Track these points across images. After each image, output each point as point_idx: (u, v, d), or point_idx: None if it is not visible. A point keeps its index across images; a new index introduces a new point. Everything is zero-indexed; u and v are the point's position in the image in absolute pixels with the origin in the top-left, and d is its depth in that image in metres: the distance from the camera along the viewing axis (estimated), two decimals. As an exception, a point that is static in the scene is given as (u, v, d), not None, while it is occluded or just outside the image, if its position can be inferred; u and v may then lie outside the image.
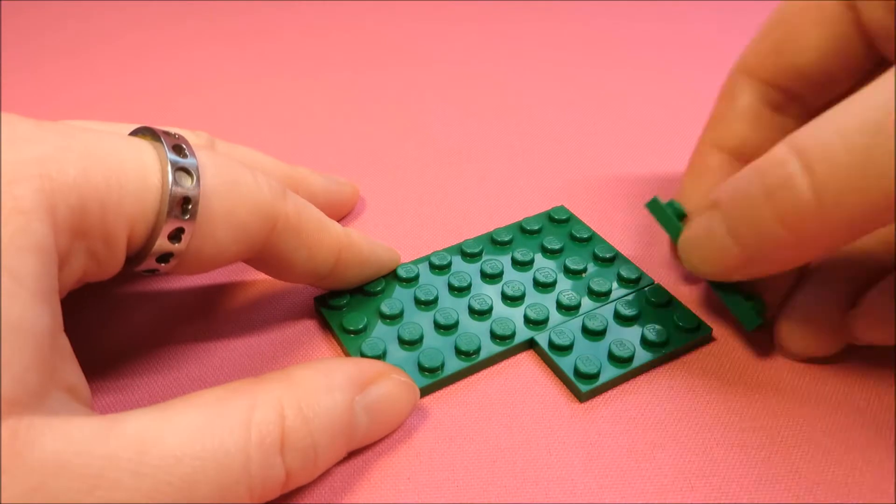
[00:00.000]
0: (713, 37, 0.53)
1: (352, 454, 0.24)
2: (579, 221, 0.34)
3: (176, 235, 0.22)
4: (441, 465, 0.24)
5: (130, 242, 0.22)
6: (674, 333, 0.28)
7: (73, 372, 0.21)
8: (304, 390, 0.22)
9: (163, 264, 0.23)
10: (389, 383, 0.24)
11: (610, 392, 0.26)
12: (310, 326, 0.30)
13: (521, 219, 0.34)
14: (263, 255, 0.26)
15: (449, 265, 0.31)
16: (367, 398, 0.23)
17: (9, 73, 0.50)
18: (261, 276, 0.31)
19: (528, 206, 0.36)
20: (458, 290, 0.30)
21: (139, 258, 0.23)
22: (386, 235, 0.34)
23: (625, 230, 0.34)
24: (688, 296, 0.30)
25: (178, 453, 0.19)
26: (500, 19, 0.57)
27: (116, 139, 0.22)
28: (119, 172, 0.21)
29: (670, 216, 0.28)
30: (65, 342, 0.20)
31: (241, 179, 0.24)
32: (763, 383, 0.26)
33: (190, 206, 0.22)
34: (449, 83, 0.48)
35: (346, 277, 0.29)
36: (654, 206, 0.28)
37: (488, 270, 0.31)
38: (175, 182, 0.21)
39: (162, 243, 0.22)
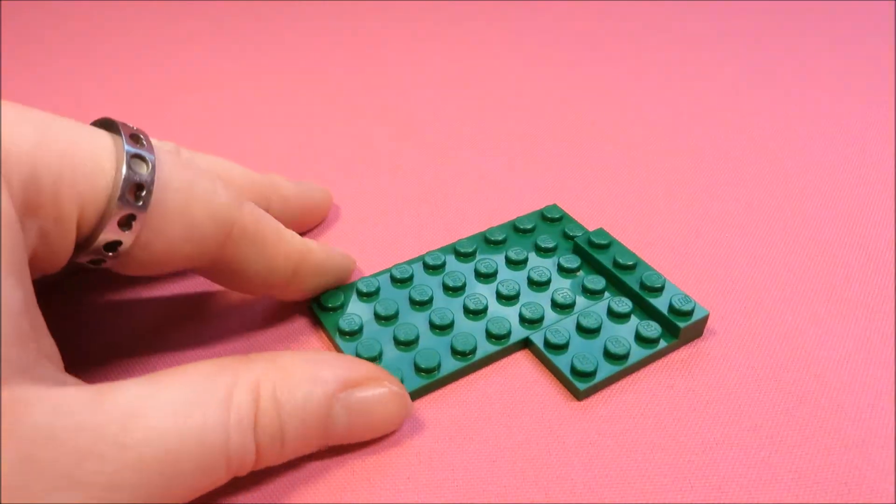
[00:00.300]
0: (709, 36, 0.53)
1: (350, 454, 0.24)
2: (572, 220, 0.34)
3: (126, 223, 0.22)
4: (440, 464, 0.24)
5: (80, 226, 0.21)
6: (669, 322, 0.28)
7: (49, 343, 0.21)
8: (285, 375, 0.22)
9: (110, 253, 0.22)
10: (378, 389, 0.24)
11: (609, 392, 0.26)
12: (302, 324, 0.29)
13: (514, 217, 0.34)
14: (219, 266, 0.25)
15: (443, 265, 0.31)
16: (351, 398, 0.23)
17: (9, 73, 0.50)
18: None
19: (521, 204, 0.36)
20: (453, 290, 0.30)
21: (87, 244, 0.22)
22: (381, 236, 0.34)
23: (617, 227, 0.34)
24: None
25: (161, 428, 0.19)
26: (492, 18, 0.57)
27: (71, 122, 0.22)
28: (73, 152, 0.21)
29: None
30: (38, 314, 0.20)
31: (198, 180, 0.24)
32: (762, 383, 0.26)
33: (143, 194, 0.22)
34: (439, 82, 0.48)
35: (303, 288, 0.28)
36: None
37: (482, 270, 0.31)
38: (129, 167, 0.21)
39: (111, 229, 0.22)
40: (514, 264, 0.31)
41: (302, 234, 0.34)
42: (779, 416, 0.25)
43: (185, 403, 0.20)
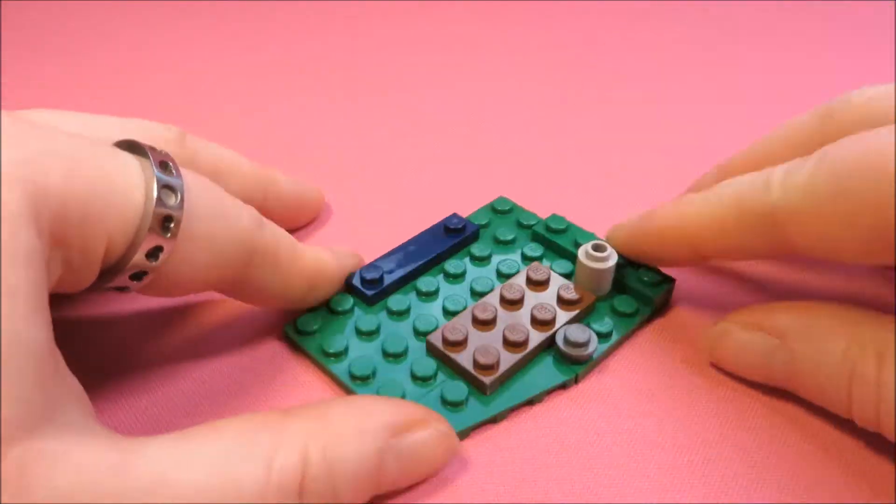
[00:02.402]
0: (679, 32, 0.55)
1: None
2: (523, 210, 0.34)
3: (153, 253, 0.21)
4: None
5: (107, 255, 0.21)
6: (642, 294, 0.29)
7: (73, 381, 0.20)
8: (334, 432, 0.21)
9: (135, 282, 0.22)
10: (427, 433, 0.23)
11: (609, 391, 0.27)
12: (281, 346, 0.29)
13: (466, 215, 0.35)
14: (238, 286, 0.25)
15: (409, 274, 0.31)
16: (401, 445, 0.22)
17: (9, 73, 0.48)
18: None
19: (469, 200, 0.37)
20: (427, 295, 0.30)
21: (113, 272, 0.22)
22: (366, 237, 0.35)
23: (566, 210, 0.36)
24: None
25: (192, 493, 0.19)
26: (477, 16, 0.58)
27: (101, 148, 0.21)
28: (102, 183, 0.20)
29: None
30: (58, 352, 0.20)
31: (224, 205, 0.23)
32: (762, 383, 0.27)
33: (171, 225, 0.21)
34: (427, 78, 0.49)
35: (318, 299, 0.29)
36: None
37: (451, 271, 0.31)
38: (159, 199, 0.21)
39: (139, 259, 0.21)
40: (479, 261, 0.32)
41: (294, 230, 0.35)
42: (778, 416, 0.26)
43: (219, 466, 0.19)
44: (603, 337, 0.28)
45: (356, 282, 0.30)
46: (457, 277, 0.31)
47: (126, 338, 0.29)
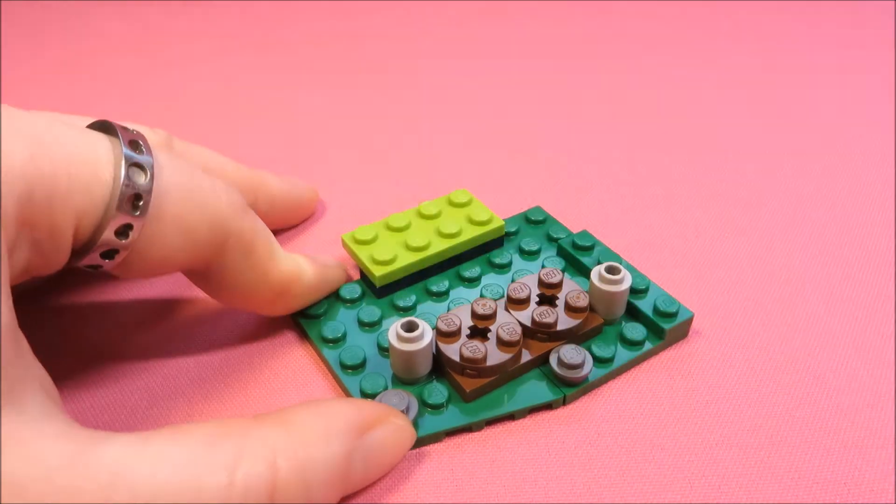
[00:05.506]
0: (697, 37, 0.54)
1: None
2: (556, 222, 0.34)
3: (123, 231, 0.21)
4: (440, 464, 0.24)
5: (77, 235, 0.21)
6: (654, 324, 0.28)
7: (37, 367, 0.20)
8: (301, 437, 0.21)
9: (107, 260, 0.22)
10: (388, 429, 0.23)
11: (608, 392, 0.26)
12: (288, 336, 0.29)
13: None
14: (208, 272, 0.25)
15: (426, 271, 0.31)
16: (365, 444, 0.22)
17: (9, 73, 0.50)
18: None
19: (508, 206, 0.36)
20: (437, 295, 0.30)
21: (83, 251, 0.21)
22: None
23: (601, 229, 0.35)
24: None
25: (150, 493, 0.18)
26: (481, 18, 0.58)
27: (68, 129, 0.21)
28: (69, 163, 0.20)
29: None
30: (22, 337, 0.19)
31: (199, 185, 0.23)
32: (761, 382, 0.27)
33: (141, 203, 0.21)
34: (428, 82, 0.49)
35: (288, 308, 0.28)
36: None
37: (465, 274, 0.30)
38: (127, 177, 0.21)
39: (108, 237, 0.21)
40: (497, 268, 0.31)
41: (287, 230, 0.34)
42: (778, 417, 0.25)
43: (180, 469, 0.18)
44: (602, 362, 0.27)
45: None
46: (471, 282, 0.30)
47: (126, 327, 0.29)
